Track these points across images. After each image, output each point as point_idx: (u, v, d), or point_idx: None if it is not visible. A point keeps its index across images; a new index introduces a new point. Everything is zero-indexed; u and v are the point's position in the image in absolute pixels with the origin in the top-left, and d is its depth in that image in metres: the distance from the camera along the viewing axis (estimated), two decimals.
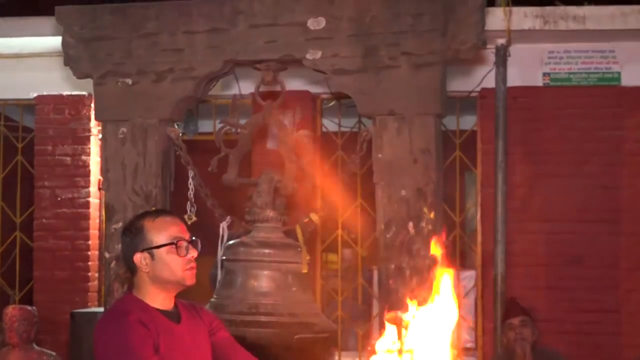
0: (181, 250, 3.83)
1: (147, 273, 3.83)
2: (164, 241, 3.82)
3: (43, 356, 6.60)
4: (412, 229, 5.10)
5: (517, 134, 7.85)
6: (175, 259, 3.82)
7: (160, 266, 3.82)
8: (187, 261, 3.85)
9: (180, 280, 3.85)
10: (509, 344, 6.75)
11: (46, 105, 8.73)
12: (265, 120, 5.48)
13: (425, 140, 5.12)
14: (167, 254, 3.82)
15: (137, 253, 3.82)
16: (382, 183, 5.17)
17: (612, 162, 7.78)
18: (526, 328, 6.70)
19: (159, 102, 5.43)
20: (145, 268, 3.82)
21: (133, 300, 3.83)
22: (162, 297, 3.86)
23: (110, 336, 3.70)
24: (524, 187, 7.86)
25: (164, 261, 3.82)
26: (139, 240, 3.83)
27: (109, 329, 3.73)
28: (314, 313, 5.26)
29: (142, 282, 3.86)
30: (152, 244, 3.81)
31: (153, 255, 3.81)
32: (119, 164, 5.46)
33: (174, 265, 3.83)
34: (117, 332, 3.68)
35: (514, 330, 6.70)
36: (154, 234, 3.83)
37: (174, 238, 3.83)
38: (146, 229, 3.84)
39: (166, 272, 3.83)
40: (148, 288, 3.84)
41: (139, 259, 3.82)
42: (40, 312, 7.01)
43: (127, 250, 3.88)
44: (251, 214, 5.29)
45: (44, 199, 8.72)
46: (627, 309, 7.70)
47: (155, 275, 3.82)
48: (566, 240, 7.78)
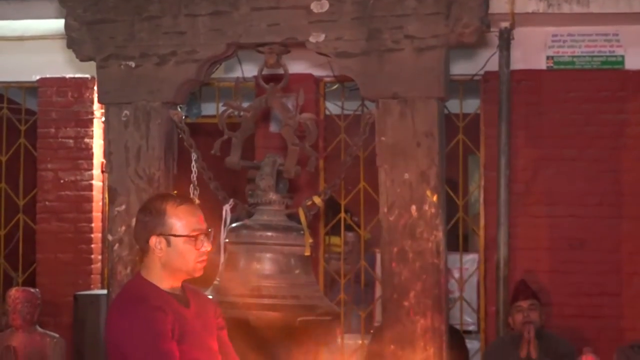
0: (199, 243, 3.83)
1: (159, 257, 3.82)
2: (184, 232, 3.81)
3: (46, 338, 6.63)
4: (415, 212, 5.10)
5: (521, 118, 7.85)
6: (191, 251, 3.83)
7: (175, 254, 3.82)
8: (201, 254, 3.86)
9: (190, 271, 3.86)
10: (516, 326, 6.77)
11: (49, 87, 8.74)
12: (268, 103, 5.47)
13: (428, 123, 5.11)
14: (184, 244, 3.82)
15: (153, 236, 3.82)
16: (385, 166, 5.17)
17: (616, 145, 7.79)
18: (534, 312, 6.73)
19: (162, 85, 5.42)
20: (159, 252, 3.82)
21: (146, 284, 3.83)
22: (172, 282, 3.87)
23: (130, 322, 3.68)
24: (527, 170, 7.87)
25: (180, 251, 3.82)
26: (158, 223, 3.82)
27: (128, 314, 3.71)
28: (317, 296, 5.26)
29: (152, 264, 3.85)
30: (171, 231, 3.81)
31: (170, 241, 3.81)
32: (122, 147, 5.46)
33: (189, 257, 3.83)
34: (138, 319, 3.67)
35: (522, 313, 6.72)
36: (175, 221, 3.82)
37: (193, 230, 3.83)
38: (168, 214, 3.83)
39: (179, 261, 3.83)
40: (158, 271, 3.84)
41: (154, 242, 3.82)
42: (43, 294, 7.03)
43: (142, 230, 3.86)
44: (254, 197, 5.29)
45: (46, 181, 8.73)
46: (629, 292, 7.71)
47: (168, 262, 3.82)
48: (569, 224, 7.79)
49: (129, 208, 5.38)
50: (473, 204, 9.55)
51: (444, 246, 5.14)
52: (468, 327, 8.37)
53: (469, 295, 8.31)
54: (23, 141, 8.98)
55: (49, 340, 6.63)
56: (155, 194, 4.91)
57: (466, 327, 8.32)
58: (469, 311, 8.30)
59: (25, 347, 6.54)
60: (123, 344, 3.68)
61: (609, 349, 6.70)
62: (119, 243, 5.40)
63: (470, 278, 8.34)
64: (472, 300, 8.28)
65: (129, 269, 5.37)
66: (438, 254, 5.10)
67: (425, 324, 5.06)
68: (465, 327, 8.27)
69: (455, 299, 8.23)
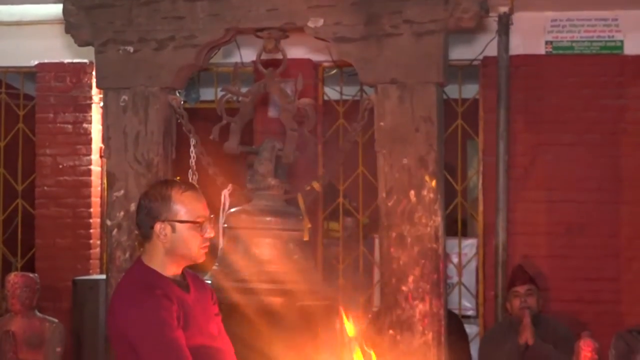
0: (203, 229, 3.84)
1: (163, 244, 3.83)
2: (190, 218, 3.82)
3: (45, 323, 6.63)
4: (413, 197, 5.10)
5: (519, 103, 7.84)
6: (196, 237, 3.84)
7: (180, 241, 3.82)
8: (205, 240, 3.86)
9: (194, 257, 3.87)
10: (513, 311, 6.77)
11: (47, 72, 8.73)
12: (266, 88, 5.46)
13: (427, 108, 5.11)
14: (189, 231, 3.82)
15: (158, 222, 3.82)
16: (383, 151, 5.16)
17: (614, 130, 7.78)
18: (532, 297, 6.73)
19: (160, 70, 5.42)
20: (164, 239, 3.82)
21: (149, 271, 3.83)
22: (174, 268, 3.88)
23: (138, 311, 3.68)
24: (526, 155, 7.87)
25: (185, 237, 3.82)
26: (163, 209, 3.82)
27: (134, 303, 3.71)
28: (316, 281, 5.27)
29: (155, 250, 3.85)
30: (177, 217, 3.81)
31: (174, 228, 3.81)
32: (121, 132, 5.46)
33: (193, 243, 3.84)
34: (145, 308, 3.67)
35: (520, 298, 6.72)
36: (180, 207, 3.82)
37: (198, 216, 3.83)
38: (173, 200, 3.82)
39: (183, 248, 3.83)
40: (161, 258, 3.84)
41: (159, 228, 3.81)
42: (42, 279, 7.03)
43: (146, 216, 3.85)
44: (253, 182, 5.29)
45: (45, 166, 8.73)
46: (627, 277, 7.72)
47: (172, 248, 3.83)
48: (567, 209, 7.79)
49: (128, 193, 5.39)
50: (472, 189, 9.55)
51: (443, 231, 5.15)
52: (467, 312, 8.38)
53: (467, 280, 8.32)
54: (21, 126, 8.97)
55: (48, 325, 6.64)
56: (158, 180, 4.90)
57: (465, 312, 8.33)
58: (467, 296, 8.31)
59: (24, 331, 6.55)
60: (131, 334, 3.68)
61: (607, 333, 6.71)
62: (117, 228, 5.40)
63: (469, 263, 8.35)
64: (471, 285, 8.29)
65: (127, 254, 5.38)
66: (436, 239, 5.10)
67: (423, 308, 5.07)
68: (463, 312, 8.28)
69: (454, 284, 8.24)
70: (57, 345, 6.60)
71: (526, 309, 6.61)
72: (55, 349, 6.58)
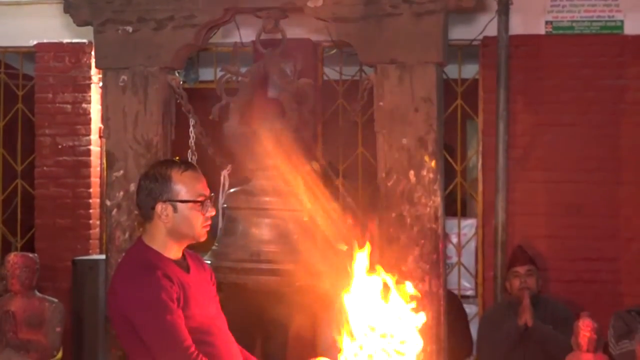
0: (205, 208, 3.84)
1: (165, 224, 3.83)
2: (191, 197, 3.82)
3: (45, 303, 6.64)
4: (413, 177, 5.11)
5: (519, 83, 7.83)
6: (197, 216, 3.84)
7: (181, 220, 3.83)
8: (206, 219, 3.87)
9: (196, 236, 3.88)
10: (513, 291, 6.79)
11: (46, 53, 8.71)
12: (266, 68, 5.46)
13: (426, 88, 5.11)
14: (191, 210, 3.83)
15: (159, 202, 3.82)
16: (383, 131, 5.16)
17: (614, 111, 7.77)
18: (531, 277, 6.75)
19: (160, 50, 5.41)
20: (165, 219, 3.82)
21: (150, 251, 3.83)
22: (176, 248, 3.88)
23: (139, 293, 3.69)
24: (525, 135, 7.86)
25: (186, 216, 3.83)
26: (164, 190, 3.82)
27: (136, 283, 3.72)
28: (315, 261, 5.27)
29: (157, 231, 3.85)
30: (178, 197, 3.81)
31: (176, 207, 3.82)
32: (120, 112, 5.45)
33: (195, 222, 3.85)
34: (146, 289, 3.68)
35: (519, 279, 6.73)
36: (181, 187, 3.82)
37: (199, 195, 3.84)
38: (174, 180, 3.83)
39: (185, 227, 3.84)
40: (162, 238, 3.85)
41: (161, 209, 3.82)
42: (42, 259, 7.05)
43: (147, 197, 3.86)
44: (252, 162, 5.29)
45: (44, 146, 8.72)
46: (627, 257, 7.73)
47: (174, 228, 3.83)
48: (567, 189, 7.79)
49: (127, 173, 5.39)
50: (471, 169, 9.55)
51: (442, 211, 5.16)
52: (466, 292, 8.40)
53: (466, 261, 8.33)
54: (21, 106, 8.96)
55: (48, 305, 6.65)
56: (158, 160, 4.90)
57: (464, 292, 8.34)
58: (466, 276, 8.32)
59: (24, 311, 6.56)
60: (131, 314, 3.69)
61: (606, 313, 6.72)
62: (117, 208, 5.41)
63: (468, 243, 8.36)
64: (470, 266, 8.30)
65: (127, 234, 5.38)
66: (436, 219, 5.11)
67: (423, 288, 5.07)
68: (463, 292, 8.29)
69: (453, 264, 8.25)
70: (56, 325, 6.61)
71: (526, 289, 6.62)
72: (55, 329, 6.59)
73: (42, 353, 6.53)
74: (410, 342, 3.69)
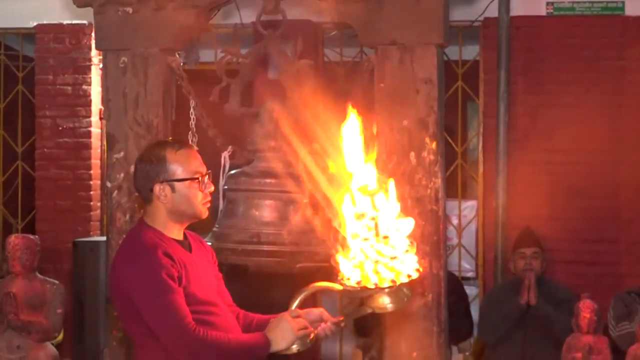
0: (202, 185, 3.84)
1: (165, 205, 3.83)
2: (187, 175, 3.82)
3: (46, 284, 6.64)
4: (413, 159, 5.10)
5: (520, 64, 7.82)
6: (196, 193, 3.84)
7: (181, 199, 3.82)
8: (205, 195, 3.87)
9: (197, 213, 3.88)
10: (517, 272, 6.80)
11: (46, 34, 8.69)
12: (266, 49, 5.45)
13: (427, 70, 5.10)
14: (189, 188, 3.82)
15: (157, 183, 3.82)
16: (383, 113, 5.16)
17: (615, 92, 7.76)
18: (536, 260, 6.77)
19: (160, 31, 5.40)
20: (164, 200, 3.82)
21: (152, 231, 3.83)
22: (177, 228, 3.88)
23: (139, 271, 3.69)
24: (526, 117, 7.85)
25: (185, 195, 3.83)
26: (159, 171, 3.82)
27: (136, 262, 3.71)
28: (316, 242, 5.28)
29: (157, 212, 3.85)
30: (175, 176, 3.81)
31: (174, 187, 3.81)
32: (120, 94, 5.44)
33: (194, 199, 3.84)
34: (147, 266, 3.67)
35: (525, 260, 6.75)
36: (176, 166, 3.82)
37: (196, 172, 3.84)
38: (168, 160, 3.82)
39: (185, 205, 3.84)
40: (163, 219, 3.85)
41: (159, 190, 3.81)
42: (43, 241, 7.04)
43: (144, 179, 3.85)
44: (253, 144, 5.29)
45: (45, 128, 8.72)
46: (627, 239, 7.73)
47: (174, 207, 3.83)
48: (567, 171, 7.78)
49: (128, 155, 5.38)
50: (472, 150, 9.54)
51: (443, 193, 5.16)
52: (466, 273, 8.40)
53: (467, 242, 8.33)
54: (21, 88, 8.95)
55: (49, 286, 6.65)
56: (151, 142, 4.89)
57: (464, 273, 8.35)
58: (467, 258, 8.33)
59: (25, 293, 6.56)
60: (132, 293, 3.69)
61: (606, 295, 6.73)
62: (117, 190, 5.41)
63: (469, 225, 8.36)
64: (471, 247, 8.31)
65: (127, 215, 5.39)
66: (437, 200, 5.11)
67: (423, 270, 5.07)
68: (463, 273, 8.30)
69: (454, 245, 8.25)
70: (57, 307, 6.60)
71: (530, 270, 6.65)
72: (56, 311, 6.59)
73: (43, 334, 6.54)
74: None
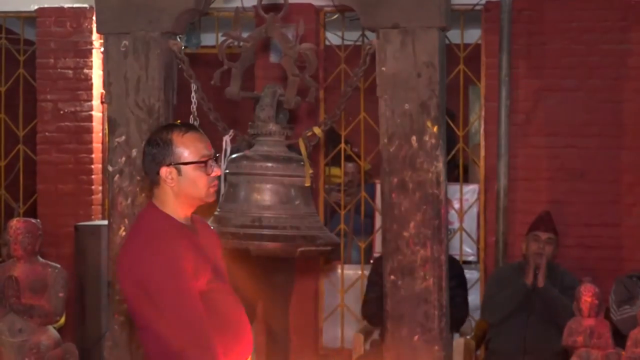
0: (209, 168, 3.85)
1: (171, 187, 3.83)
2: (194, 158, 3.82)
3: (47, 268, 6.65)
4: (415, 142, 5.10)
5: (522, 48, 7.80)
6: (202, 177, 3.84)
7: (187, 182, 3.83)
8: (212, 179, 3.87)
9: (204, 197, 3.88)
10: (528, 253, 6.84)
11: (47, 18, 8.68)
12: (268, 33, 5.43)
13: (429, 53, 5.09)
14: (195, 171, 3.83)
15: (163, 167, 3.82)
16: (385, 97, 5.15)
17: (617, 76, 7.74)
18: (550, 246, 6.84)
19: (161, 14, 5.38)
20: (171, 182, 3.83)
21: (163, 216, 3.83)
22: (185, 212, 3.89)
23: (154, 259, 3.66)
24: (528, 101, 7.84)
25: (191, 178, 3.83)
26: (166, 154, 3.82)
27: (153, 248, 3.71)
28: (317, 226, 5.28)
29: (164, 195, 3.86)
30: (181, 160, 3.81)
31: (180, 170, 3.82)
32: (122, 77, 5.44)
33: (200, 183, 3.85)
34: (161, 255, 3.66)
35: (538, 244, 6.79)
36: (183, 149, 3.82)
37: (202, 156, 3.84)
38: (175, 143, 3.83)
39: (191, 189, 3.84)
40: (171, 201, 3.85)
41: (165, 173, 3.82)
42: (44, 225, 7.04)
43: (151, 162, 3.86)
44: (254, 128, 5.29)
45: (46, 112, 8.72)
46: (629, 223, 7.73)
47: (181, 191, 3.83)
48: (569, 155, 7.78)
49: (129, 139, 5.38)
50: (473, 134, 9.54)
51: (444, 177, 5.15)
52: (467, 257, 8.41)
53: (468, 226, 8.33)
54: (22, 71, 8.94)
55: (50, 270, 6.65)
56: (159, 125, 4.89)
57: (466, 257, 8.36)
58: (468, 242, 8.33)
59: (27, 277, 6.56)
60: (148, 279, 3.68)
61: (608, 279, 6.75)
62: (119, 174, 5.41)
63: (470, 209, 8.36)
64: (472, 231, 8.31)
65: (129, 199, 5.39)
66: (438, 184, 5.11)
67: (424, 254, 5.08)
68: (464, 257, 8.31)
69: (455, 229, 8.26)
70: (59, 291, 6.61)
71: (542, 255, 6.71)
72: (58, 294, 6.60)
73: (45, 318, 6.55)
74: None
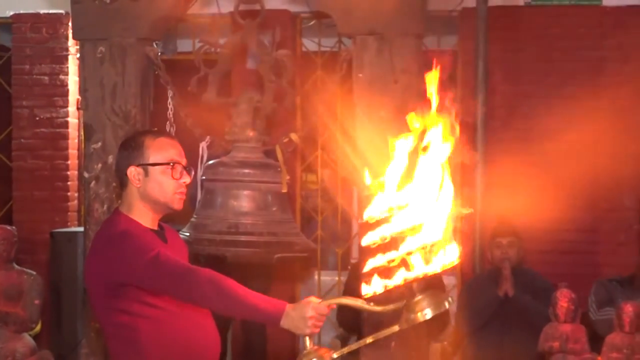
0: (175, 172, 3.84)
1: (137, 188, 3.83)
2: (161, 161, 3.83)
3: (23, 275, 6.62)
4: None
5: (498, 54, 7.82)
6: (168, 180, 3.83)
7: (152, 184, 3.83)
8: (179, 185, 3.86)
9: (169, 202, 3.86)
10: (494, 261, 6.83)
11: (23, 24, 8.65)
12: (244, 39, 5.44)
13: (405, 60, 5.10)
14: (161, 174, 3.83)
15: (131, 166, 3.83)
16: (362, 103, 5.16)
17: (592, 82, 7.78)
18: (513, 249, 6.79)
19: (137, 20, 5.38)
20: (137, 183, 3.83)
21: (127, 220, 3.83)
22: (151, 217, 3.87)
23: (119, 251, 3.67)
24: (504, 107, 7.86)
25: (157, 180, 3.83)
26: (136, 155, 3.83)
27: (114, 247, 3.71)
28: (294, 232, 5.28)
29: (131, 197, 3.86)
30: (149, 161, 3.82)
31: (147, 171, 3.82)
32: (98, 84, 5.43)
33: (166, 186, 3.84)
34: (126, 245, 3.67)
35: (501, 249, 6.77)
36: (152, 152, 3.83)
37: (171, 160, 3.84)
38: (146, 146, 3.84)
39: (157, 191, 3.83)
40: (137, 205, 3.84)
41: (132, 173, 3.82)
42: (20, 231, 7.01)
43: (121, 163, 3.87)
44: (231, 134, 5.28)
45: (22, 118, 8.68)
46: (604, 228, 7.76)
47: (146, 192, 3.83)
48: (545, 161, 7.79)
49: (105, 145, 5.37)
50: None
51: None
52: None
53: None
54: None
55: (26, 277, 6.63)
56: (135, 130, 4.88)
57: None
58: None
59: (2, 284, 6.53)
60: (117, 272, 3.66)
61: (583, 284, 6.76)
62: (95, 180, 5.40)
63: None
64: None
65: (105, 206, 5.37)
66: None
67: None
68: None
69: None
70: (35, 298, 6.59)
71: (506, 260, 6.66)
72: (34, 301, 6.57)
73: (20, 325, 6.52)
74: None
